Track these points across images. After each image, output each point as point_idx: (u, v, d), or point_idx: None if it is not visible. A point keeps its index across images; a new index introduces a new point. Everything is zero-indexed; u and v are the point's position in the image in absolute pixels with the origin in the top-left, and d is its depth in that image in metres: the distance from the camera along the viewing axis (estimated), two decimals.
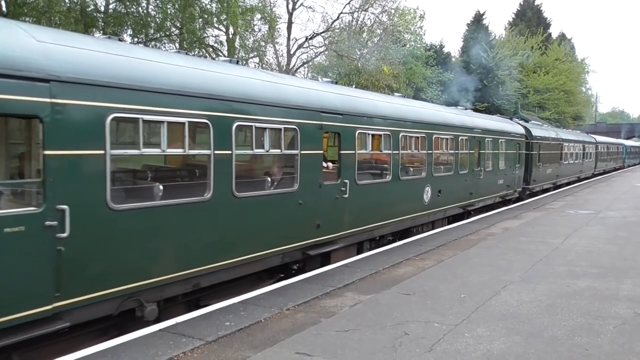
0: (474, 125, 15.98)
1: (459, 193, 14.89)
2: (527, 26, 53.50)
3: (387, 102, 11.95)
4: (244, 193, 7.34)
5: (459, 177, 14.69)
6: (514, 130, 20.18)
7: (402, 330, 6.08)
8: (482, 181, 16.37)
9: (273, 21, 26.78)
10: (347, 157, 9.69)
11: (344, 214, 9.56)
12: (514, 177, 19.65)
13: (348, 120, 9.67)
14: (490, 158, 17.06)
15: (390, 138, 11.04)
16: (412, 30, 34.96)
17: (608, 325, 6.32)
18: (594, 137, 39.29)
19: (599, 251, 10.80)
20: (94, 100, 5.41)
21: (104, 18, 21.32)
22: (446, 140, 13.82)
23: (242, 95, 7.32)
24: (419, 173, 12.59)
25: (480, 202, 16.70)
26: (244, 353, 5.39)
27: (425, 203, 12.71)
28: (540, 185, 23.74)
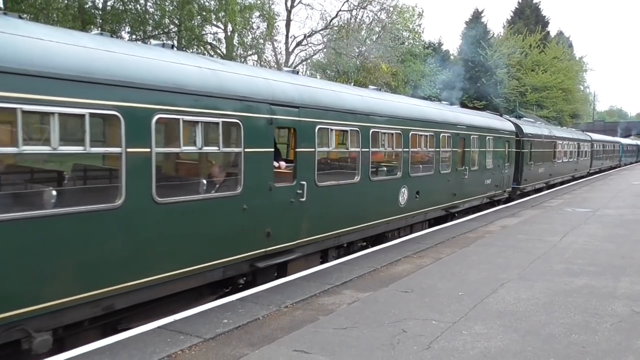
0: (457, 121, 14.88)
1: (441, 194, 13.86)
2: (526, 24, 53.55)
3: (355, 94, 10.72)
4: (169, 198, 6.28)
5: (441, 177, 13.67)
6: (503, 127, 19.19)
7: (400, 327, 6.09)
8: (467, 181, 15.29)
9: (271, 19, 26.78)
10: (305, 155, 8.61)
11: (301, 219, 8.52)
12: (503, 177, 18.71)
13: (306, 114, 8.56)
14: (476, 156, 16.03)
15: (359, 134, 9.94)
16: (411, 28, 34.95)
17: (605, 323, 6.34)
18: (590, 135, 38.55)
19: (597, 249, 10.83)
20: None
21: (101, 15, 21.27)
22: (425, 138, 12.80)
23: (166, 83, 6.19)
24: (394, 173, 11.55)
25: (466, 203, 15.67)
26: (242, 350, 5.40)
27: (401, 205, 11.64)
28: (532, 185, 22.87)
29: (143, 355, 5.20)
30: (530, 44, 47.86)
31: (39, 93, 4.94)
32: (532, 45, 47.95)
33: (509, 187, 19.67)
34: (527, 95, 46.43)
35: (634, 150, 63.65)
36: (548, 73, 47.46)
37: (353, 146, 9.97)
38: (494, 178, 17.60)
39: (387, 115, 11.00)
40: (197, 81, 6.66)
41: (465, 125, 15.21)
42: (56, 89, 5.06)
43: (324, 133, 9.19)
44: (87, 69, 5.40)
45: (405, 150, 11.71)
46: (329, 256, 9.78)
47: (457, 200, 14.91)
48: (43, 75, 4.95)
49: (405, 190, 11.73)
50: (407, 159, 11.85)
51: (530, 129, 22.58)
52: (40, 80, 4.93)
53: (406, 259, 9.72)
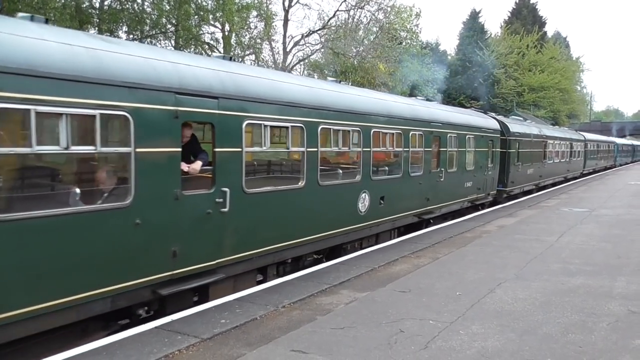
0: (432, 117, 13.40)
1: (412, 199, 12.48)
2: (523, 25, 53.61)
3: (300, 85, 9.21)
4: (17, 214, 4.86)
5: (411, 180, 12.31)
6: (487, 125, 17.75)
7: (398, 327, 6.09)
8: (443, 184, 13.93)
9: (269, 18, 26.76)
10: (228, 157, 7.14)
11: (223, 234, 7.06)
12: (487, 179, 17.33)
13: (229, 107, 7.05)
14: (454, 157, 14.65)
15: (304, 132, 8.58)
16: (408, 28, 34.97)
17: (602, 322, 6.36)
18: (583, 134, 37.50)
19: (593, 249, 10.86)
20: None
21: (99, 15, 21.23)
22: (392, 136, 11.37)
23: (6, 62, 4.74)
24: (351, 176, 10.17)
25: (442, 208, 14.38)
26: (239, 350, 5.40)
27: (361, 213, 10.26)
28: (520, 187, 21.67)
29: (140, 355, 5.20)
30: (528, 44, 47.96)
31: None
32: (529, 46, 48.05)
33: (494, 190, 18.40)
34: (525, 95, 46.53)
35: (629, 151, 63.08)
36: (545, 73, 47.56)
37: (296, 145, 8.60)
38: (475, 180, 16.29)
39: (342, 110, 9.65)
40: (61, 62, 5.22)
41: (440, 122, 13.81)
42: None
43: (255, 130, 7.77)
44: None
45: (365, 150, 10.30)
46: (268, 275, 8.38)
47: (432, 206, 13.55)
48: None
49: (365, 196, 10.36)
50: (368, 160, 10.45)
51: (518, 128, 21.39)
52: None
53: (404, 259, 9.73)
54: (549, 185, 26.54)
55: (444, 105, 16.97)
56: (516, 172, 20.58)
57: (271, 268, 8.48)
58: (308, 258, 9.54)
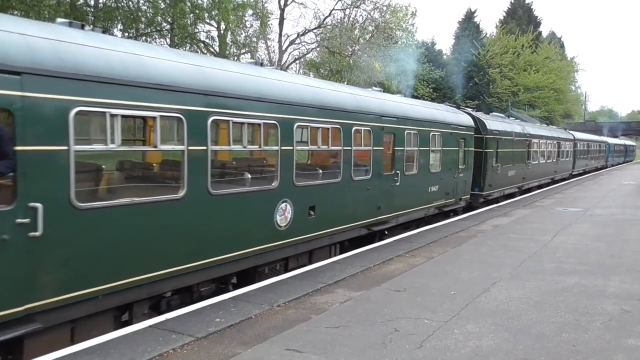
0: (383, 110, 11.33)
1: (356, 208, 10.44)
2: (518, 24, 53.85)
3: (178, 62, 6.73)
4: None
5: (354, 186, 10.24)
6: (458, 121, 15.67)
7: (393, 326, 6.10)
8: (400, 189, 11.90)
9: (265, 17, 26.75)
10: (42, 158, 5.09)
11: (36, 269, 5.07)
12: (457, 182, 15.42)
13: (43, 86, 5.04)
14: (413, 157, 12.80)
15: (186, 125, 6.42)
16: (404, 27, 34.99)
17: (595, 321, 6.39)
18: (573, 133, 35.84)
19: (587, 248, 10.91)
20: None
21: (93, 12, 21.14)
22: (326, 132, 9.39)
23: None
24: (264, 182, 8.23)
25: (400, 217, 12.41)
26: (234, 349, 5.39)
27: (280, 228, 8.25)
28: (499, 191, 19.91)
29: (134, 354, 5.18)
30: (523, 44, 48.13)
31: None
32: (524, 46, 48.23)
33: (467, 195, 16.53)
34: (520, 95, 46.71)
35: (621, 151, 62.28)
36: (540, 73, 47.78)
37: (170, 143, 6.72)
38: (442, 184, 14.35)
39: (246, 97, 7.48)
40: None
41: (395, 116, 11.77)
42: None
43: (93, 120, 5.98)
44: None
45: (285, 148, 8.24)
46: (134, 315, 6.37)
47: (385, 215, 11.52)
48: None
49: (287, 206, 8.34)
50: (290, 162, 8.39)
51: (497, 125, 19.57)
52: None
53: (399, 258, 9.74)
54: (534, 188, 25.12)
55: (401, 97, 14.51)
56: (494, 174, 18.81)
57: (140, 305, 6.43)
58: (203, 288, 7.41)
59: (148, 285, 6.28)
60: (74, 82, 5.29)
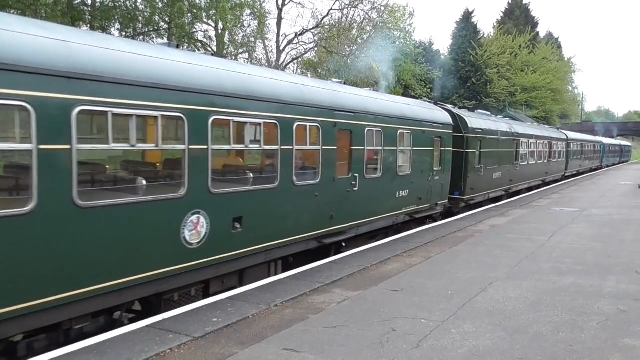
0: (335, 104, 9.71)
1: (301, 219, 8.96)
2: (515, 25, 53.95)
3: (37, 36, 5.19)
4: None
5: (297, 192, 8.76)
6: (433, 118, 14.20)
7: (390, 326, 6.11)
8: (359, 195, 10.42)
9: (262, 17, 26.75)
10: None
11: None
12: (432, 186, 13.92)
13: None
14: (377, 158, 11.30)
15: (34, 117, 5.01)
16: (402, 27, 35.04)
17: (592, 321, 6.41)
18: (566, 133, 34.23)
19: (584, 248, 10.94)
20: None
21: (91, 12, 21.10)
22: (256, 128, 8.01)
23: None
24: (166, 190, 6.69)
25: (360, 227, 10.92)
26: (231, 349, 5.39)
27: (189, 246, 6.73)
28: (483, 194, 18.26)
29: (131, 354, 5.17)
30: (520, 44, 48.24)
31: None
32: (521, 46, 48.34)
33: (444, 199, 15.02)
34: (517, 95, 46.81)
35: (616, 151, 61.10)
36: (537, 73, 47.92)
37: (15, 140, 5.34)
38: (413, 188, 12.88)
39: (135, 82, 6.01)
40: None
41: (352, 111, 10.26)
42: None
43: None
44: None
45: (196, 148, 6.71)
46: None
47: (340, 225, 10.05)
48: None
49: (200, 219, 6.85)
50: (204, 164, 6.87)
51: (480, 123, 17.96)
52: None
53: (396, 258, 9.75)
54: (523, 191, 23.61)
55: (362, 90, 12.90)
56: (477, 177, 17.22)
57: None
58: (81, 324, 5.85)
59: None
60: None
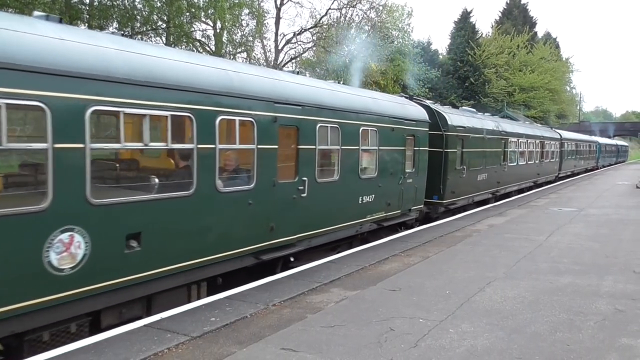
0: (276, 95, 8.24)
1: (230, 231, 7.52)
2: (513, 25, 53.95)
3: None
4: None
5: (223, 200, 7.30)
6: (405, 114, 12.66)
7: (388, 326, 6.11)
8: (308, 202, 8.99)
9: (261, 16, 26.70)
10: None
11: None
12: (403, 190, 12.39)
13: None
14: (332, 159, 9.97)
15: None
16: (400, 27, 35.04)
17: (589, 321, 6.42)
18: (560, 132, 32.82)
19: (581, 248, 10.96)
20: None
21: (89, 10, 21.05)
22: (159, 122, 6.53)
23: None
24: (21, 202, 5.23)
25: (312, 238, 9.41)
26: (230, 349, 5.38)
27: (58, 272, 5.31)
28: (466, 198, 16.79)
29: (129, 353, 5.17)
30: (518, 44, 48.29)
31: None
32: (519, 46, 48.39)
33: (419, 204, 13.56)
34: (515, 95, 46.86)
35: (613, 151, 60.17)
36: (535, 73, 47.93)
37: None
38: (381, 193, 11.42)
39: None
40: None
41: (299, 103, 8.77)
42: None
43: None
44: None
45: (65, 147, 5.33)
46: None
47: (284, 237, 8.57)
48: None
49: (74, 238, 5.45)
50: (78, 169, 5.46)
51: (461, 120, 16.34)
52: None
53: (394, 258, 9.76)
54: (513, 193, 22.33)
55: (315, 80, 11.42)
56: (459, 179, 15.74)
57: None
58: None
59: None
60: None
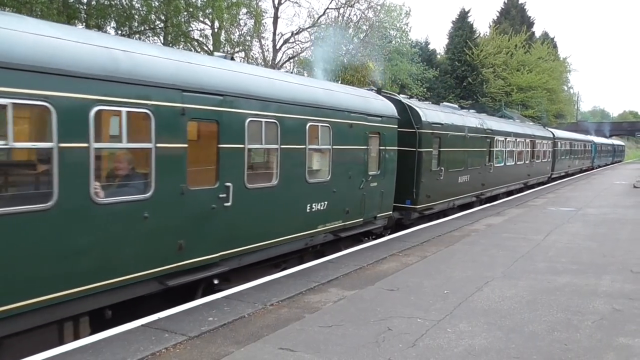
0: (184, 82, 6.69)
1: (118, 255, 5.97)
2: (511, 24, 54.01)
3: None
4: None
5: (103, 214, 5.76)
6: (368, 108, 11.10)
7: (386, 325, 6.11)
8: (235, 212, 7.48)
9: (259, 16, 26.66)
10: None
11: None
12: (366, 195, 10.99)
13: None
14: (269, 160, 8.64)
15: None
16: (398, 27, 35.06)
17: (587, 320, 6.43)
18: (553, 131, 31.33)
19: (579, 248, 10.98)
20: None
21: (86, 10, 21.00)
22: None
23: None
24: None
25: (242, 256, 7.91)
26: (227, 349, 5.38)
27: None
28: (445, 202, 15.25)
29: (127, 353, 5.16)
30: (516, 44, 48.35)
31: None
32: (517, 46, 48.44)
33: (386, 210, 12.09)
34: (513, 95, 46.91)
35: (609, 151, 59.27)
36: (533, 73, 47.99)
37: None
38: (336, 199, 9.99)
39: None
40: None
41: (219, 92, 7.19)
42: None
43: None
44: None
45: None
46: None
47: (198, 257, 7.02)
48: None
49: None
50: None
51: (438, 117, 14.63)
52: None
53: (392, 257, 9.76)
54: (501, 195, 21.08)
55: (243, 64, 8.84)
56: (435, 181, 14.21)
57: None
58: None
59: None
60: None
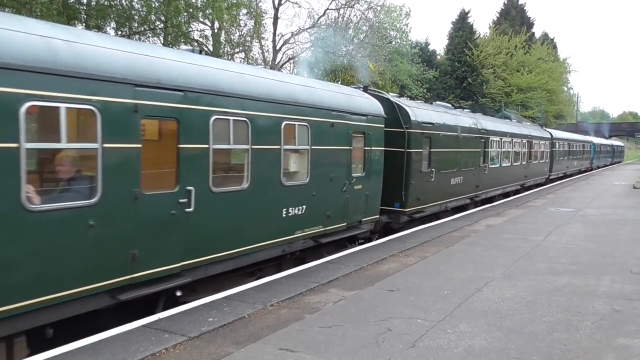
0: (141, 76, 6.11)
1: (58, 266, 5.33)
2: (511, 25, 54.02)
3: None
4: None
5: (35, 223, 5.05)
6: (352, 106, 10.61)
7: (386, 326, 6.11)
8: (198, 218, 6.87)
9: (259, 16, 26.66)
10: None
11: None
12: (350, 198, 10.43)
13: None
14: (244, 161, 7.86)
15: None
16: (398, 27, 35.06)
17: (586, 321, 6.44)
18: (550, 131, 30.92)
19: (579, 248, 10.98)
20: None
21: (86, 10, 21.01)
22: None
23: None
24: None
25: (209, 266, 7.29)
26: (227, 349, 5.38)
27: None
28: (437, 205, 14.63)
29: (126, 353, 5.16)
30: (516, 44, 48.37)
31: None
32: (517, 46, 48.47)
33: (373, 214, 11.52)
34: (513, 95, 46.94)
35: (608, 151, 58.80)
36: (533, 74, 48.00)
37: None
38: (316, 202, 9.43)
39: None
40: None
41: (180, 88, 6.59)
42: None
43: None
44: None
45: None
46: None
47: (155, 268, 6.40)
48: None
49: None
50: None
51: (429, 116, 14.02)
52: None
53: (392, 258, 9.76)
54: (496, 197, 20.45)
55: (209, 58, 8.55)
56: (426, 183, 13.64)
57: None
58: None
59: None
60: None
